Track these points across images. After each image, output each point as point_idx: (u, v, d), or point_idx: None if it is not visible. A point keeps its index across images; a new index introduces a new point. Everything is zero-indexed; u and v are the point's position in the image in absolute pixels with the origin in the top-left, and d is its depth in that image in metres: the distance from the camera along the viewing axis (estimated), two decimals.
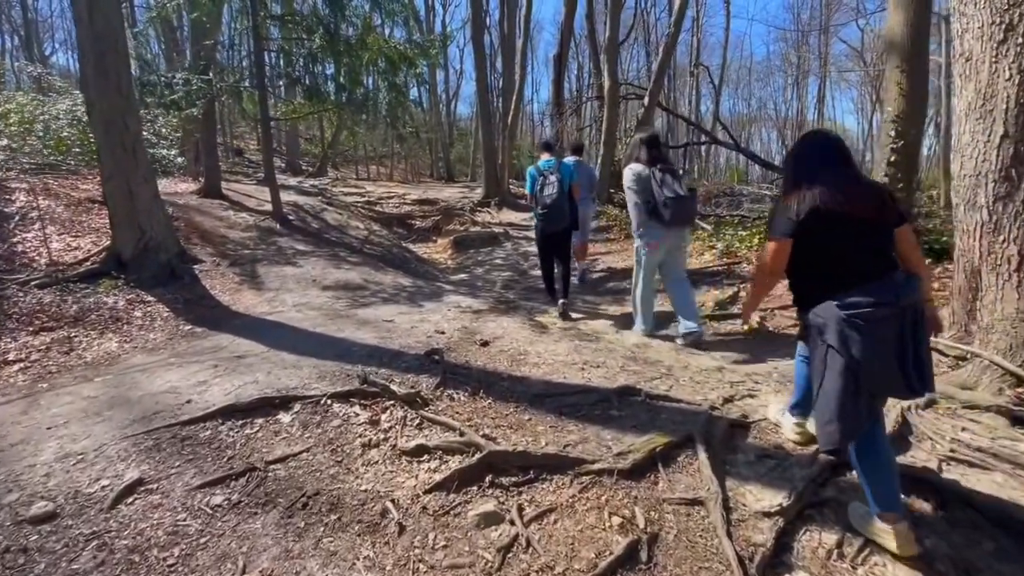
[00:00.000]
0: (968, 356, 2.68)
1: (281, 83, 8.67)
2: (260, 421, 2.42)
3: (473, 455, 2.08)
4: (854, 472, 1.87)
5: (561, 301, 4.57)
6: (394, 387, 2.58)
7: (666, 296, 4.13)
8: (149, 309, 4.51)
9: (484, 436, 2.24)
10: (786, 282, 1.99)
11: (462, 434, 2.20)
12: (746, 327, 2.86)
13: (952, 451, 2.21)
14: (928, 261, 4.25)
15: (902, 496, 1.79)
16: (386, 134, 22.91)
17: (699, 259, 5.91)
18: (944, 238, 5.04)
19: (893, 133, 4.61)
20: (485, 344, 3.62)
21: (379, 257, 7.29)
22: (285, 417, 2.46)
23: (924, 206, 7.95)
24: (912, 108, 4.57)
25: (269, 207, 8.05)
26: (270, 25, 8.45)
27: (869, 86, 29.10)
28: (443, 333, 3.89)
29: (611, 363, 3.25)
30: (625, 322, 4.32)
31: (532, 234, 6.63)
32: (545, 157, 4.53)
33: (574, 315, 4.62)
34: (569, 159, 5.24)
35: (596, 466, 2.06)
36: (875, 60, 26.31)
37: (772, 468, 2.14)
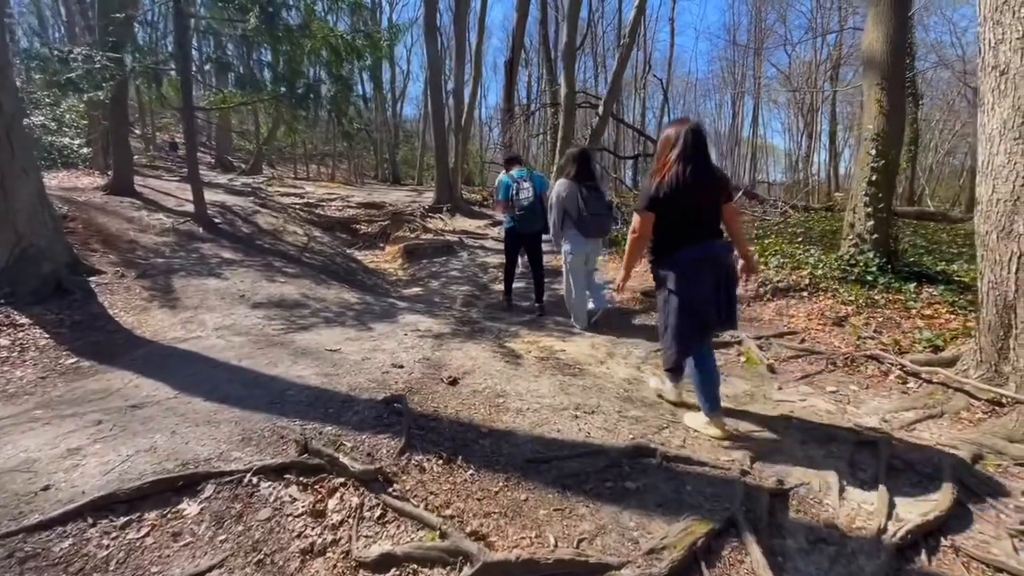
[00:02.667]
0: (1006, 402, 2.41)
1: (207, 68, 7.64)
2: (153, 517, 1.72)
3: (461, 569, 1.51)
4: (923, 560, 1.74)
5: (537, 305, 5.03)
6: (345, 458, 1.95)
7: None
8: (20, 336, 3.57)
9: (472, 533, 1.67)
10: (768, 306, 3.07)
11: (443, 535, 1.61)
12: (618, 297, 2.94)
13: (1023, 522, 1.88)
14: (913, 286, 4.10)
15: None
16: (328, 131, 21.67)
17: None
18: (921, 258, 4.99)
19: (874, 152, 4.46)
20: (454, 382, 3.04)
21: (320, 268, 6.49)
22: (191, 507, 1.78)
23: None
24: (892, 126, 4.45)
25: (192, 207, 7.04)
26: (197, 1, 7.45)
27: (795, 107, 30.96)
28: (401, 367, 3.27)
29: (606, 406, 2.77)
30: (608, 348, 3.87)
31: (488, 244, 6.22)
32: (517, 168, 4.89)
33: (549, 339, 4.12)
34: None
35: (625, 572, 1.55)
36: (802, 84, 27.98)
37: (834, 559, 1.71)
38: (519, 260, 5.47)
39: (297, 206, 11.64)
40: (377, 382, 2.97)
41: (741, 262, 2.47)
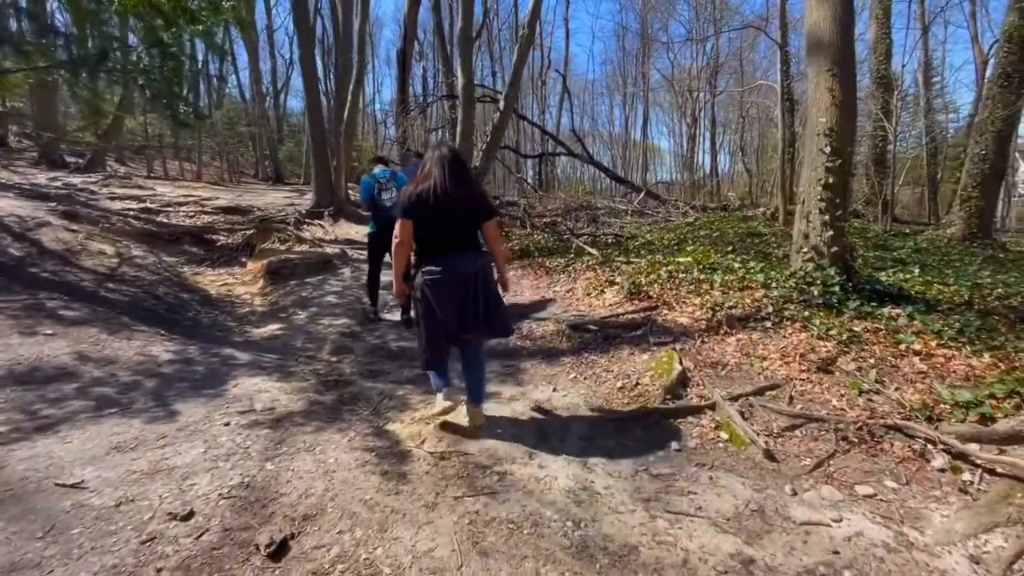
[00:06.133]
0: None
1: None
2: None
3: None
4: None
5: (403, 317, 4.48)
6: None
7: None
8: None
9: None
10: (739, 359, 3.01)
11: None
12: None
13: None
14: (887, 310, 3.44)
15: None
16: (201, 125, 18.40)
17: (601, 299, 4.59)
18: (862, 269, 4.44)
19: (828, 149, 3.78)
20: (279, 551, 1.69)
21: (128, 305, 4.63)
22: None
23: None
24: (846, 119, 3.80)
25: None
26: None
27: (678, 111, 32.65)
28: (188, 519, 1.84)
29: None
30: (539, 431, 2.70)
31: None
32: (379, 168, 4.55)
33: (445, 411, 2.87)
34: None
35: None
36: (684, 89, 29.46)
37: None
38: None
39: (131, 212, 9.25)
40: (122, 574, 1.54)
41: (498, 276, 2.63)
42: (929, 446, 2.18)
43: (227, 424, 2.65)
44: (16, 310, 3.97)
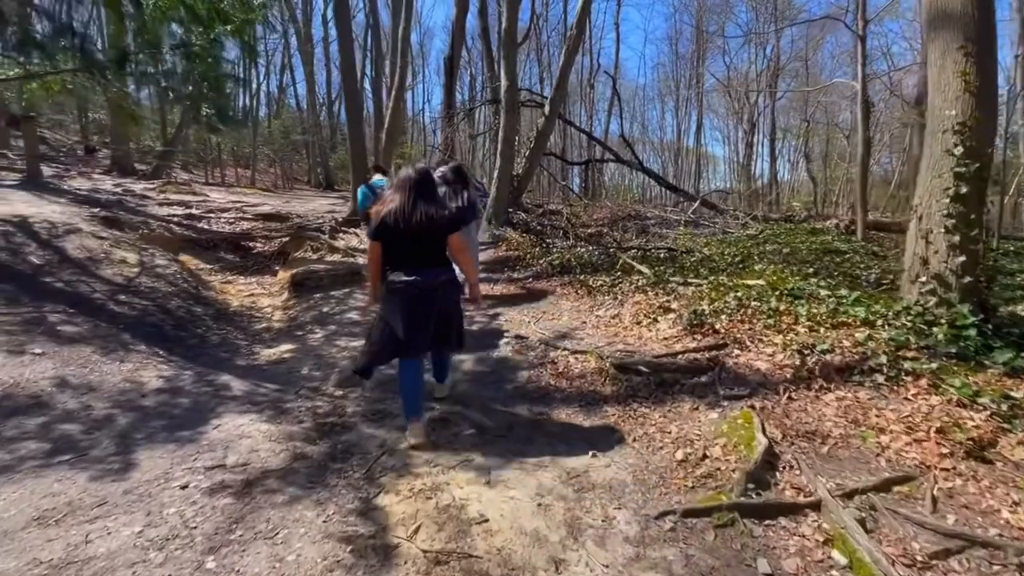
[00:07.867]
0: None
1: None
2: None
3: None
4: None
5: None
6: None
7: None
8: None
9: None
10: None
11: None
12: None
13: None
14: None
15: None
16: (252, 132, 18.97)
17: (653, 329, 3.86)
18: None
19: (959, 151, 2.92)
20: None
21: (135, 319, 4.31)
22: None
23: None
24: (984, 112, 2.93)
25: None
26: None
27: (734, 117, 30.95)
28: None
29: None
30: (566, 509, 2.04)
31: None
32: (378, 177, 4.66)
33: (459, 478, 2.26)
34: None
35: None
36: (741, 94, 27.82)
37: None
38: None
39: (175, 219, 9.33)
40: None
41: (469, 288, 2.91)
42: None
43: (184, 487, 2.15)
44: (14, 324, 3.70)
